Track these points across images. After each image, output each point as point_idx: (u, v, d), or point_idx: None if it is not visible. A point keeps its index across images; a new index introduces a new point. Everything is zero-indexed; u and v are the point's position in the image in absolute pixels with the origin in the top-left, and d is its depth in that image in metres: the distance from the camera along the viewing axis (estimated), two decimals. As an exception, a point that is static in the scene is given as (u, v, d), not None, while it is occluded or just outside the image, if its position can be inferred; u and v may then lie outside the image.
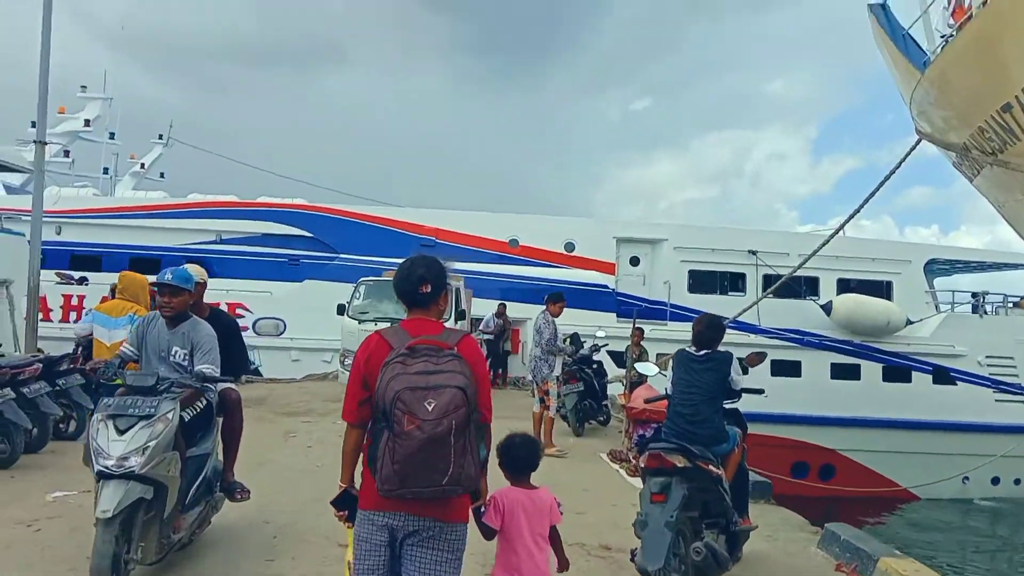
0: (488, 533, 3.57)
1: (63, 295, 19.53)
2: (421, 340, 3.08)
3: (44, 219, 20.52)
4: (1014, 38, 6.90)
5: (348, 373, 13.73)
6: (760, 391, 5.79)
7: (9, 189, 23.79)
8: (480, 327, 18.18)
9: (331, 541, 5.61)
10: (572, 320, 15.92)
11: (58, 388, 8.81)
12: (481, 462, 3.14)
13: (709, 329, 5.56)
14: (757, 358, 6.06)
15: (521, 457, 3.74)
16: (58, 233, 20.85)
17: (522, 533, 3.56)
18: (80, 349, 9.32)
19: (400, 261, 3.47)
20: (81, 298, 18.94)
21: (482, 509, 3.46)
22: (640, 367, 6.31)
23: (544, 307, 10.20)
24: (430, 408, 2.87)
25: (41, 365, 8.41)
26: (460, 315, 14.73)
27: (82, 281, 19.84)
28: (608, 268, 21.72)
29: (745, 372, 5.66)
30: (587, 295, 20.50)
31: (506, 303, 19.17)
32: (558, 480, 8.50)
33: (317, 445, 9.71)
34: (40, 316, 12.04)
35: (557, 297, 10.29)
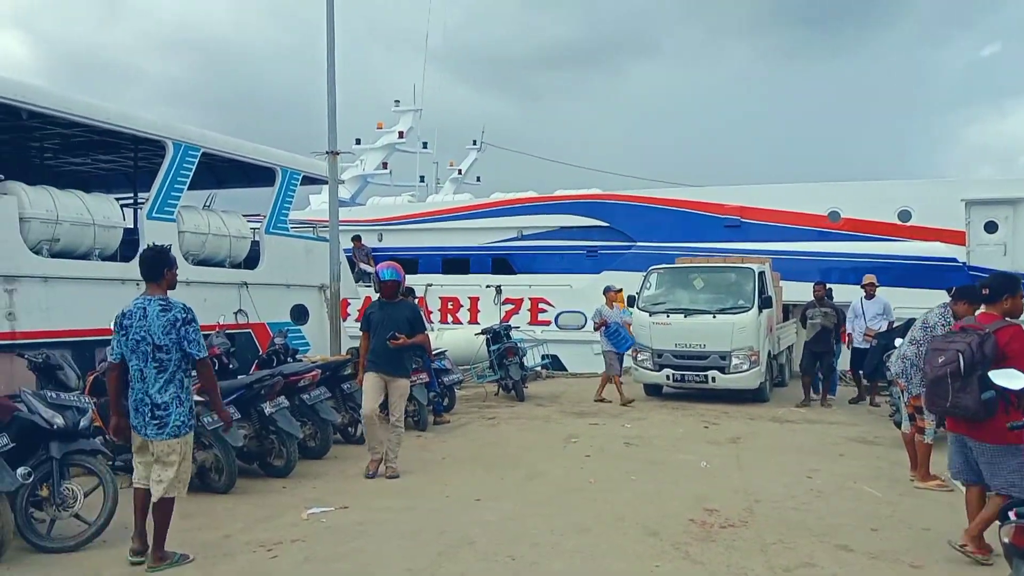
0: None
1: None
2: (969, 324, 5.16)
3: (368, 227, 22.54)
4: None
5: (642, 371, 12.41)
6: None
7: (340, 202, 26.35)
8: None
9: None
10: (913, 302, 13.30)
11: (343, 392, 9.15)
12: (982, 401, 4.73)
13: None
14: None
15: None
16: (379, 240, 22.55)
17: None
18: None
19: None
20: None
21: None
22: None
23: (948, 302, 7.11)
24: (939, 360, 4.96)
25: (320, 371, 8.56)
26: (765, 302, 12.88)
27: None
28: (956, 238, 18.10)
29: None
30: (929, 271, 17.26)
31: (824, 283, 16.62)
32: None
33: (596, 455, 8.80)
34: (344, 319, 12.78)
35: (971, 293, 6.50)
